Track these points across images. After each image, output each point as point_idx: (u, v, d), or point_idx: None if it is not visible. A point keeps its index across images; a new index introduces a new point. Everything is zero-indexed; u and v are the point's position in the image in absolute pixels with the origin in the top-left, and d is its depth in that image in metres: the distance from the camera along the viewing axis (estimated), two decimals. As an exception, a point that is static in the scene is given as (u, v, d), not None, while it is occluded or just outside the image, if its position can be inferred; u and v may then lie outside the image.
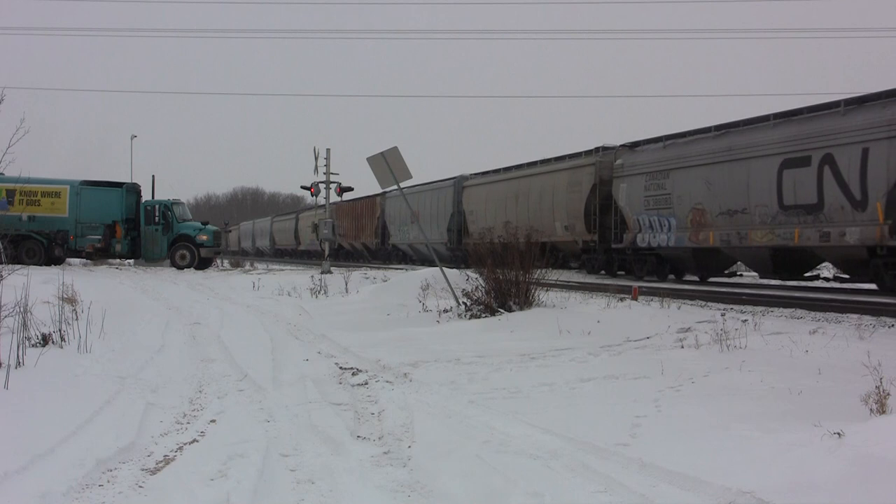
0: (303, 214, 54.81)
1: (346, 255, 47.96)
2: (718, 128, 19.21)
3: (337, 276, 21.15)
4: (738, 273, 22.72)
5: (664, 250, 20.57)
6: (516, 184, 28.14)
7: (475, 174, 32.89)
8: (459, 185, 32.81)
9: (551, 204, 25.49)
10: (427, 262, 33.63)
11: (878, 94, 15.30)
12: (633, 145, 22.63)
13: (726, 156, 18.21)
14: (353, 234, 45.69)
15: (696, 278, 20.94)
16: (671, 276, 21.33)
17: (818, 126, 16.02)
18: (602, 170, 23.33)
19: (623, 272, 22.93)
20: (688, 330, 9.38)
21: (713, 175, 18.57)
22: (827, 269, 20.85)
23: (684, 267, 21.13)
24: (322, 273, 22.95)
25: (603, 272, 23.53)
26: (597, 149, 24.36)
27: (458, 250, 31.44)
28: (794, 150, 16.30)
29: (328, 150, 28.10)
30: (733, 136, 18.46)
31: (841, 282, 17.79)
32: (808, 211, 16.04)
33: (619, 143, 23.56)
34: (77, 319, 9.77)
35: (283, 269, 31.22)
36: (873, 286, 15.83)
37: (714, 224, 18.53)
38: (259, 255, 67.05)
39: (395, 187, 14.77)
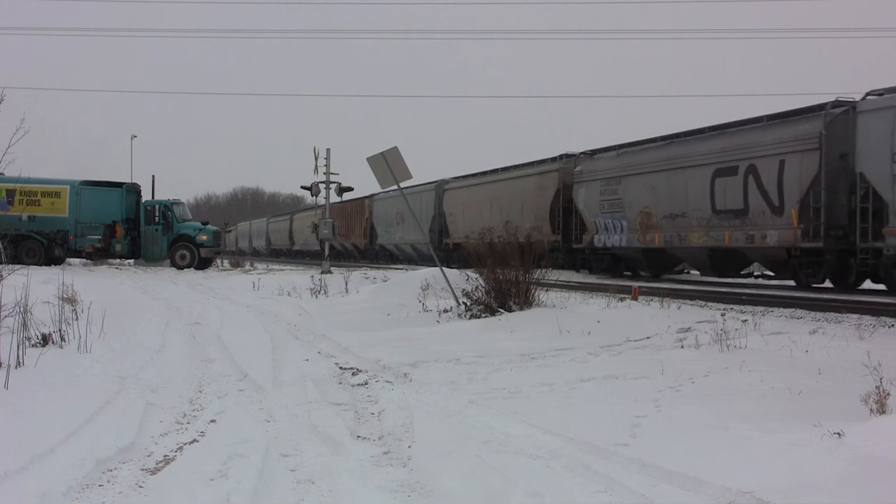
0: (297, 215, 57.05)
1: (336, 255, 48.94)
2: (663, 139, 21.24)
3: (337, 276, 21.16)
4: (686, 271, 24.31)
5: (618, 250, 22.49)
6: (491, 188, 30.02)
7: (455, 178, 34.62)
8: (441, 188, 34.60)
9: (521, 207, 27.22)
10: (410, 260, 36.21)
11: (794, 111, 17.22)
12: (592, 153, 24.55)
13: (669, 164, 20.17)
14: (344, 235, 46.92)
15: (647, 274, 22.67)
16: (628, 273, 23.15)
17: (744, 139, 17.95)
18: (565, 175, 25.15)
19: (586, 270, 24.67)
20: (688, 330, 9.38)
21: (658, 182, 20.50)
22: (759, 268, 22.54)
23: (637, 265, 22.91)
24: (322, 273, 22.94)
25: (564, 269, 25.21)
26: (561, 156, 26.15)
27: (440, 250, 33.47)
28: (724, 160, 18.26)
29: (328, 150, 28.10)
30: (675, 146, 20.42)
31: (767, 279, 19.93)
32: (736, 215, 17.93)
33: (581, 150, 25.36)
34: (77, 319, 9.77)
35: (283, 269, 31.24)
36: (793, 283, 17.64)
37: (659, 226, 20.48)
38: (256, 254, 67.80)
39: (395, 187, 14.78)
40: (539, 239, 25.52)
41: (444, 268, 14.78)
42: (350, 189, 29.30)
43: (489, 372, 7.67)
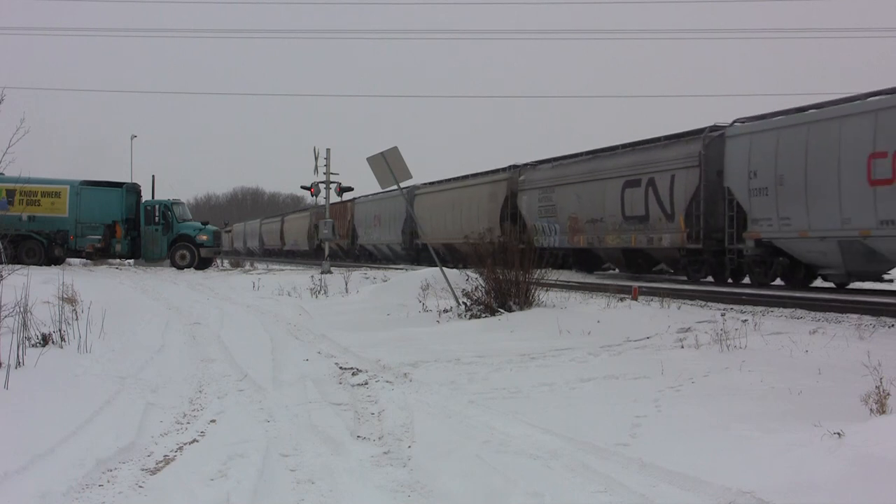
0: (288, 217, 60.20)
1: (322, 254, 49.43)
2: (588, 153, 24.73)
3: (337, 276, 21.16)
4: (613, 269, 25.98)
5: (553, 250, 25.20)
6: (453, 194, 32.61)
7: (424, 184, 37.06)
8: (412, 193, 36.71)
9: (477, 211, 29.67)
10: (387, 259, 39.40)
11: (684, 134, 20.38)
12: (534, 164, 27.55)
13: (591, 176, 23.52)
14: None
15: (581, 272, 24.97)
16: (567, 270, 25.25)
17: (646, 156, 21.26)
18: (512, 184, 28.01)
19: None
20: (688, 330, 9.38)
21: (582, 191, 23.78)
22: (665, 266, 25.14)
23: (571, 263, 25.66)
24: (322, 273, 22.94)
25: None
26: (510, 167, 29.14)
27: (411, 250, 36.72)
28: (631, 173, 21.54)
29: (328, 150, 28.14)
30: (596, 161, 23.80)
31: (669, 274, 22.86)
32: (640, 221, 21.12)
33: (525, 162, 28.25)
34: (77, 319, 9.77)
35: (282, 269, 31.25)
36: (685, 276, 20.45)
37: (583, 230, 23.77)
38: (250, 254, 68.70)
39: (393, 188, 14.77)
40: (491, 240, 26.95)
41: (443, 268, 14.78)
42: (350, 189, 29.40)
43: (489, 372, 7.67)
